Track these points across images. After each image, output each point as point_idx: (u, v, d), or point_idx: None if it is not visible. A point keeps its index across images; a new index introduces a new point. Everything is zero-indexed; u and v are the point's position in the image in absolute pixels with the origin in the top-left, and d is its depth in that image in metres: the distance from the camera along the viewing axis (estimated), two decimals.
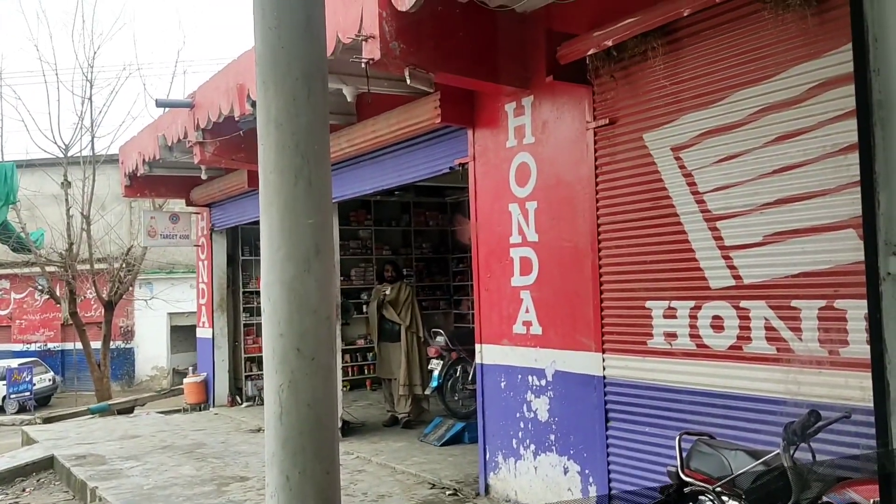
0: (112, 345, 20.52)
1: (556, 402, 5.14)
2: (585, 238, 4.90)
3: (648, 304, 4.50)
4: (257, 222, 10.37)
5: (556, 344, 5.15)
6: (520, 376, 5.45)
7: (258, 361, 11.39)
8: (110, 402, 13.96)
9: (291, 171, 2.69)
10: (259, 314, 11.41)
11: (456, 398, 8.00)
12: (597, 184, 4.80)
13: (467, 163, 5.91)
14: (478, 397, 5.88)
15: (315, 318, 2.71)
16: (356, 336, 12.01)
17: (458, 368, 8.02)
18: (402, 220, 12.42)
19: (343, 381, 11.69)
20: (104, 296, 15.72)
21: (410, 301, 8.59)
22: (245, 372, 11.32)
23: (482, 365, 5.81)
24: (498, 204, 5.65)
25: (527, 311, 5.38)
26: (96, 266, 16.07)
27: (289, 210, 2.70)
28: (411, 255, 12.52)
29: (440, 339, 8.14)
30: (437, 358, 8.04)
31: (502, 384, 5.62)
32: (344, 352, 11.41)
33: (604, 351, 4.77)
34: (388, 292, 8.50)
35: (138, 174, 9.25)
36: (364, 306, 11.48)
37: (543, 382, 5.24)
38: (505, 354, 5.58)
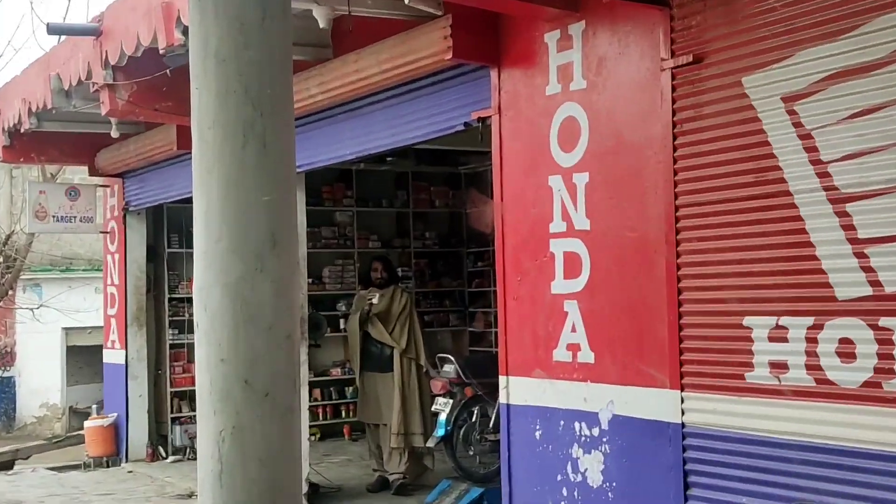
0: None
1: (614, 461, 5.15)
2: (658, 226, 4.90)
3: (748, 321, 4.50)
4: (190, 200, 10.37)
5: (613, 377, 5.16)
6: (563, 423, 5.46)
7: (191, 398, 11.47)
8: None
9: (238, 127, 2.72)
10: (192, 330, 11.49)
11: (471, 453, 8.05)
12: (675, 148, 4.80)
13: (490, 117, 5.92)
14: (502, 452, 5.90)
15: (270, 338, 2.75)
16: (330, 363, 12.11)
17: (475, 411, 8.07)
18: (396, 198, 12.48)
19: (311, 426, 11.73)
20: None
21: (408, 314, 8.65)
22: (172, 412, 11.43)
23: (509, 406, 5.84)
24: (533, 176, 5.67)
25: (573, 329, 5.40)
26: None
27: (234, 183, 2.73)
28: (409, 248, 12.57)
29: (449, 369, 8.19)
30: (444, 396, 8.09)
31: (537, 434, 5.64)
32: (313, 385, 11.48)
33: (682, 388, 4.78)
34: (375, 301, 8.56)
35: (22, 130, 9.30)
36: (342, 321, 11.56)
37: (596, 432, 5.25)
38: (541, 391, 5.60)
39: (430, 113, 6.40)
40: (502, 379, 5.88)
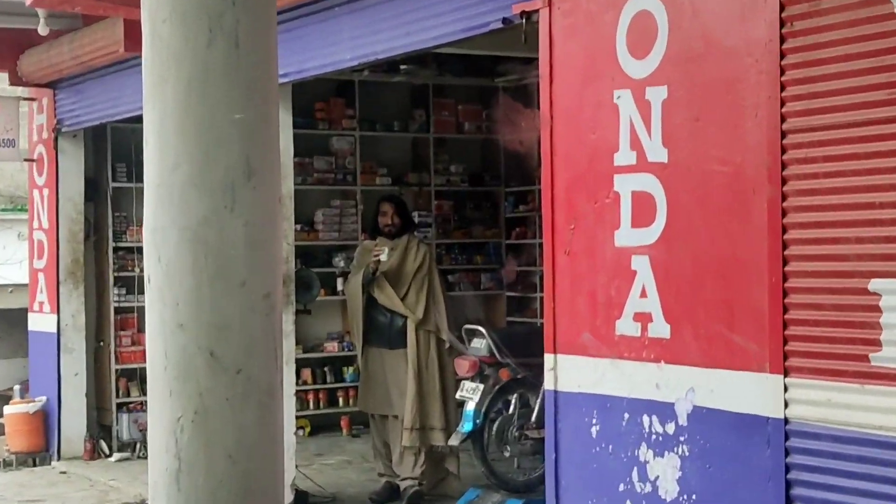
0: None
1: (695, 466, 5.17)
2: (757, 158, 4.89)
3: (875, 284, 4.49)
4: (140, 119, 10.37)
5: (695, 357, 5.17)
6: (627, 416, 5.50)
7: (142, 378, 11.58)
8: None
9: (202, 20, 2.73)
10: (144, 289, 11.56)
11: (507, 454, 8.10)
12: (782, 54, 4.77)
13: (537, 11, 5.90)
14: (547, 454, 5.94)
15: (243, 298, 2.79)
16: (324, 335, 12.21)
17: (513, 400, 8.11)
18: (412, 119, 12.50)
19: (298, 417, 11.83)
20: None
21: (426, 273, 8.71)
22: (117, 397, 11.55)
23: (557, 393, 5.87)
24: (593, 91, 5.65)
25: (643, 293, 5.41)
26: None
27: (197, 93, 2.75)
28: (428, 185, 12.60)
29: (479, 345, 8.22)
30: (472, 379, 8.13)
31: (594, 430, 5.67)
32: (301, 364, 11.57)
33: (786, 372, 4.79)
34: (384, 257, 8.59)
35: None
36: (339, 281, 11.60)
37: (671, 428, 5.28)
38: (600, 375, 5.63)
39: (457, 6, 6.38)
40: (548, 358, 5.90)
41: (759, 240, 4.88)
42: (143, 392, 11.46)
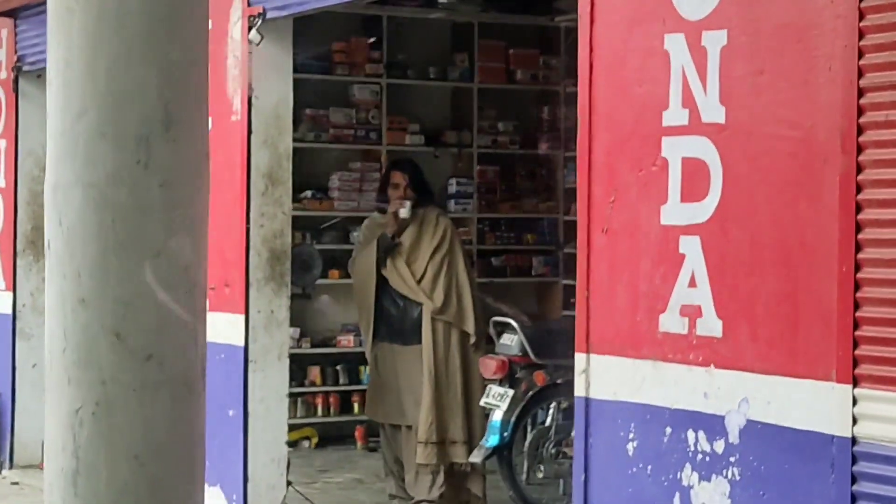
0: None
1: (746, 493, 5.22)
2: (830, 121, 4.92)
3: None
4: None
5: (750, 361, 5.21)
6: (670, 430, 5.55)
7: None
8: None
9: None
10: None
11: (541, 475, 8.18)
12: None
13: None
14: (575, 473, 6.03)
15: (157, 271, 2.87)
16: (338, 326, 12.25)
17: (550, 408, 8.19)
18: (452, 65, 12.53)
19: (303, 425, 12.01)
20: None
21: (446, 253, 8.77)
22: None
23: (588, 401, 5.95)
24: (640, 34, 5.72)
25: (692, 282, 5.46)
26: None
27: (109, 28, 2.83)
28: (469, 146, 12.61)
29: (510, 341, 8.31)
30: (500, 383, 8.22)
31: (631, 446, 5.74)
32: (308, 361, 11.72)
33: (856, 381, 4.82)
34: (405, 211, 8.62)
35: None
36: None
37: (720, 446, 5.33)
38: (639, 380, 5.69)
39: None
40: (579, 358, 5.97)
41: (829, 220, 4.91)
42: None
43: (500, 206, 12.66)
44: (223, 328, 8.38)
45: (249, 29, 8.13)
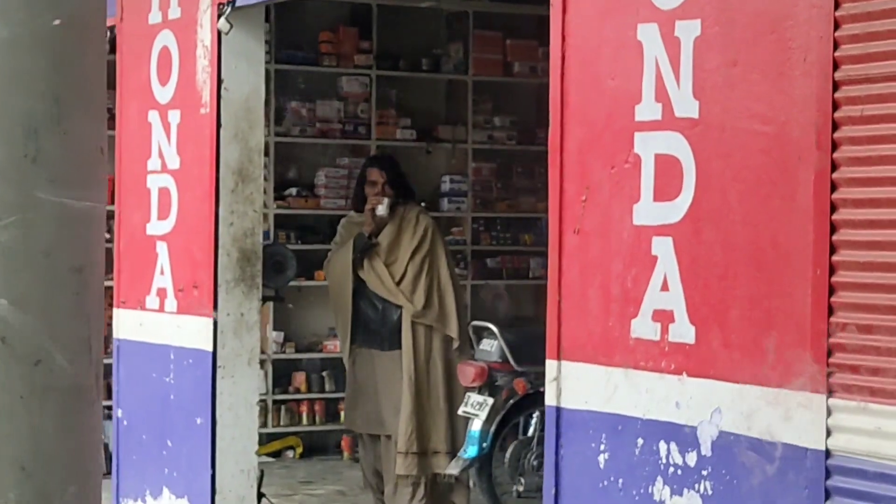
0: None
1: None
2: (805, 116, 4.90)
3: None
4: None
5: (723, 369, 5.20)
6: (641, 441, 5.54)
7: None
8: None
9: None
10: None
11: (522, 488, 8.16)
12: None
13: None
14: (545, 487, 6.01)
15: (46, 271, 2.86)
16: (324, 330, 12.25)
17: (532, 419, 8.17)
18: (446, 56, 12.51)
19: (287, 433, 12.04)
20: None
21: (426, 253, 8.77)
22: None
23: (559, 410, 5.95)
24: (614, 23, 5.73)
25: (664, 285, 5.45)
26: None
27: None
28: (464, 142, 12.60)
29: (489, 347, 8.30)
30: (479, 391, 8.20)
31: (602, 458, 5.74)
32: (292, 367, 11.73)
33: (830, 391, 4.80)
34: (382, 208, 8.60)
35: None
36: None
37: (692, 459, 5.32)
38: (611, 389, 5.69)
39: None
40: (550, 365, 5.97)
41: (803, 221, 4.89)
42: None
43: (496, 204, 12.67)
44: (191, 332, 8.39)
45: (219, 17, 8.11)
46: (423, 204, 10.70)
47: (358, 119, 12.19)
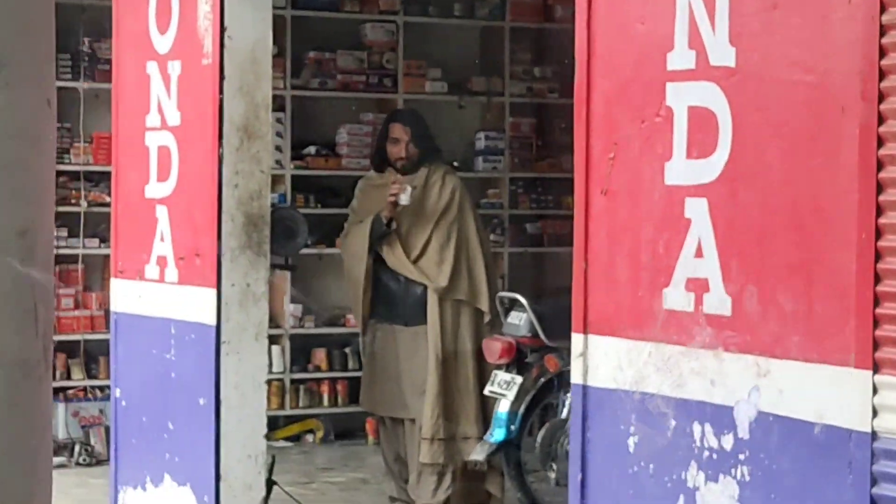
0: None
1: (757, 495, 5.21)
2: (847, 64, 4.89)
3: None
4: None
5: (761, 343, 5.19)
6: (674, 423, 5.54)
7: (89, 353, 11.90)
8: None
9: None
10: (96, 233, 11.82)
11: (554, 474, 8.16)
12: None
13: None
14: (571, 472, 6.07)
15: None
16: (346, 304, 12.18)
17: (564, 399, 8.16)
18: (479, 1, 12.42)
19: (306, 416, 12.08)
20: None
21: (453, 219, 8.79)
22: (53, 380, 11.80)
23: (586, 389, 5.97)
24: None
25: (698, 251, 5.44)
26: None
27: None
28: (501, 94, 12.54)
29: (517, 320, 8.31)
30: (506, 368, 8.21)
31: (632, 441, 5.75)
32: (312, 343, 11.79)
33: (876, 367, 4.79)
34: (404, 198, 8.56)
35: None
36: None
37: (728, 441, 5.32)
38: (641, 365, 5.69)
39: None
40: (577, 339, 6.00)
41: (847, 180, 4.86)
42: (89, 374, 11.79)
43: (535, 164, 12.65)
44: (192, 304, 8.40)
45: None
46: (454, 164, 10.73)
47: (383, 70, 12.19)
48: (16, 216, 2.94)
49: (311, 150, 11.88)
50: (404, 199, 8.61)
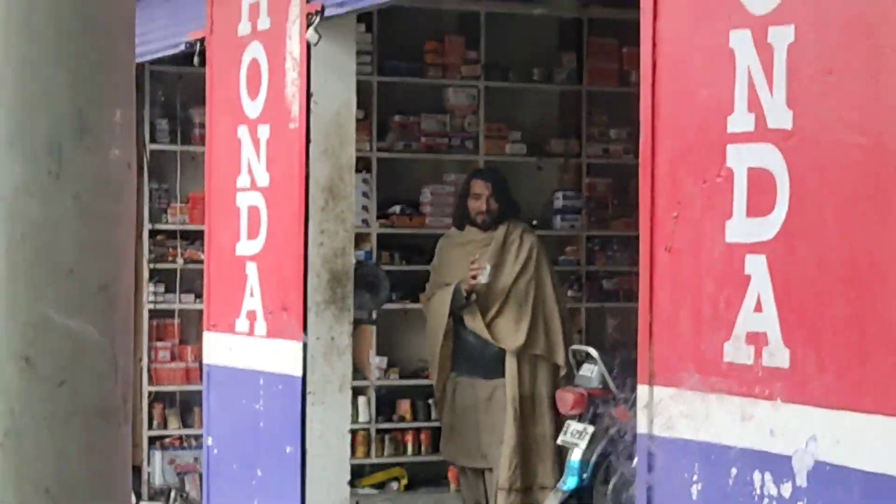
0: None
1: None
2: None
3: None
4: (190, 60, 10.60)
5: (818, 395, 5.18)
6: (735, 471, 5.53)
7: (185, 404, 12.02)
8: None
9: None
10: (191, 288, 11.94)
11: None
12: None
13: None
14: None
15: (71, 289, 2.95)
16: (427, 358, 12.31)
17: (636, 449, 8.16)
18: (558, 66, 12.48)
19: (391, 464, 12.12)
20: None
21: (531, 277, 8.83)
22: (150, 428, 12.03)
23: (651, 438, 5.96)
24: (705, 29, 5.75)
25: (758, 305, 5.44)
26: None
27: (18, 29, 2.92)
28: (578, 156, 12.55)
29: (589, 372, 8.32)
30: (579, 419, 8.23)
31: (695, 489, 5.75)
32: (397, 394, 11.81)
33: None
34: (483, 278, 8.63)
35: None
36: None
37: (787, 490, 5.30)
38: (703, 415, 5.69)
39: None
40: (642, 391, 6.00)
41: None
42: (184, 423, 11.90)
43: (611, 223, 12.61)
44: (280, 356, 8.48)
45: (307, 28, 8.23)
46: (533, 222, 10.77)
47: (465, 133, 12.22)
48: (97, 272, 3.00)
49: (396, 208, 11.94)
50: (483, 279, 8.72)
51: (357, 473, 10.50)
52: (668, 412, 5.89)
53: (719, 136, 5.64)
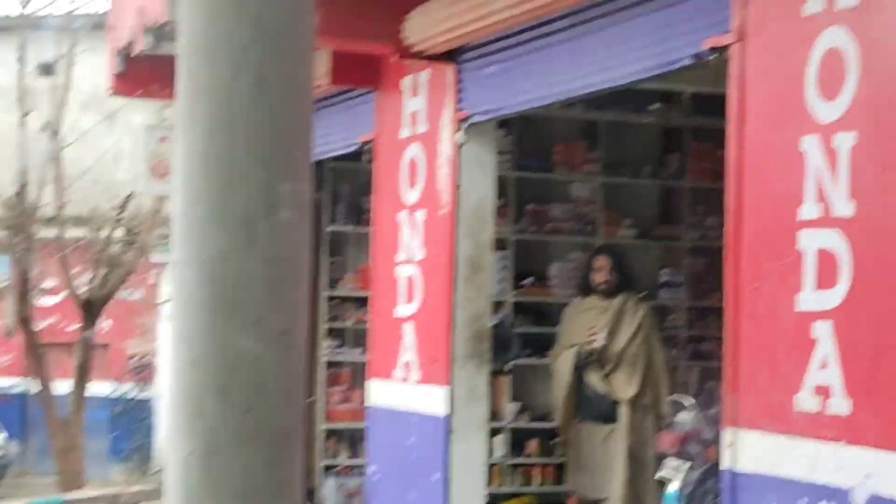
0: (109, 389, 22.04)
1: None
2: None
3: None
4: (358, 157, 10.97)
5: (874, 438, 5.19)
6: (805, 501, 5.55)
7: (352, 438, 12.15)
8: (68, 497, 14.92)
9: (229, 55, 3.04)
10: (360, 343, 12.11)
11: None
12: None
13: (728, 46, 6.06)
14: None
15: (257, 335, 3.06)
16: (552, 405, 12.39)
17: None
18: (663, 165, 12.49)
19: (520, 494, 12.12)
20: (81, 289, 16.83)
21: (642, 340, 8.99)
22: (325, 458, 12.14)
23: (734, 474, 5.97)
24: (780, 135, 5.78)
25: (824, 364, 5.46)
26: (71, 231, 17.34)
27: (221, 128, 3.05)
28: (679, 240, 12.60)
29: (685, 418, 8.30)
30: (676, 456, 8.20)
31: None
32: (526, 435, 11.85)
33: None
34: (600, 341, 8.78)
35: (134, 53, 10.13)
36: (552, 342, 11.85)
37: None
38: (778, 455, 5.71)
39: (645, 42, 6.66)
40: (727, 433, 6.02)
41: None
42: (353, 454, 12.02)
43: (707, 294, 12.52)
44: (429, 400, 8.60)
45: (457, 132, 8.39)
46: (643, 294, 10.79)
47: (586, 219, 12.23)
48: (279, 320, 3.09)
49: (529, 280, 11.96)
50: (598, 343, 8.93)
51: (493, 501, 10.51)
52: (749, 451, 5.91)
53: (791, 223, 5.69)
